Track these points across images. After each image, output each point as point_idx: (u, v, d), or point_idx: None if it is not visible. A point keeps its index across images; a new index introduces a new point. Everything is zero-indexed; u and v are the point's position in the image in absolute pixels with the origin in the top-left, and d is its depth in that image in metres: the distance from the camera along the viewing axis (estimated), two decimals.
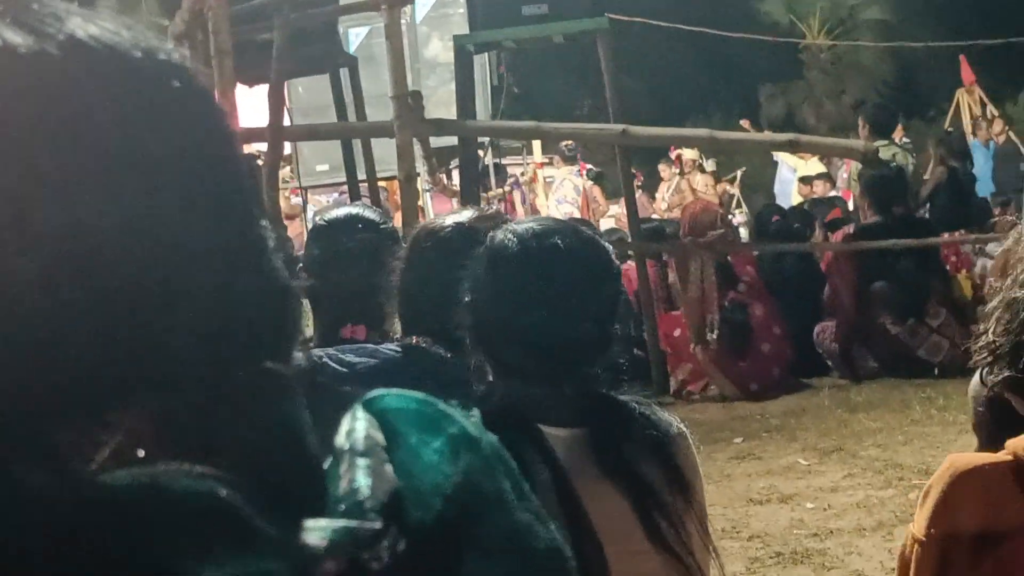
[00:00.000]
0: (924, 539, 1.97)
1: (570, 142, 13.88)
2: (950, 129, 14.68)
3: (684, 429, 2.25)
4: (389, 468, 0.74)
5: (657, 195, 16.56)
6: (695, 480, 2.24)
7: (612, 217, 14.18)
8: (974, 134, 15.40)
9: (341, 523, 0.70)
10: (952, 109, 17.27)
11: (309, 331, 3.00)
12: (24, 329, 0.66)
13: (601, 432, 2.17)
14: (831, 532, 5.36)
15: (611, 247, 2.35)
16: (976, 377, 2.32)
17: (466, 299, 2.19)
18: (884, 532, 5.29)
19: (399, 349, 2.47)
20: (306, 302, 2.41)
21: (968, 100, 16.95)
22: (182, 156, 0.72)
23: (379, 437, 0.76)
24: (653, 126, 10.06)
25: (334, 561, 0.68)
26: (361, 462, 0.74)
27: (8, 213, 0.67)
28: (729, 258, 8.65)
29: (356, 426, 0.76)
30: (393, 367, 2.40)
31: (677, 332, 8.63)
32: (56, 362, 0.67)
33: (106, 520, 0.64)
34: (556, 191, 14.90)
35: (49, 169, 0.67)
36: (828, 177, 14.93)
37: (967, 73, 17.15)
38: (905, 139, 11.64)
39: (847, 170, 13.33)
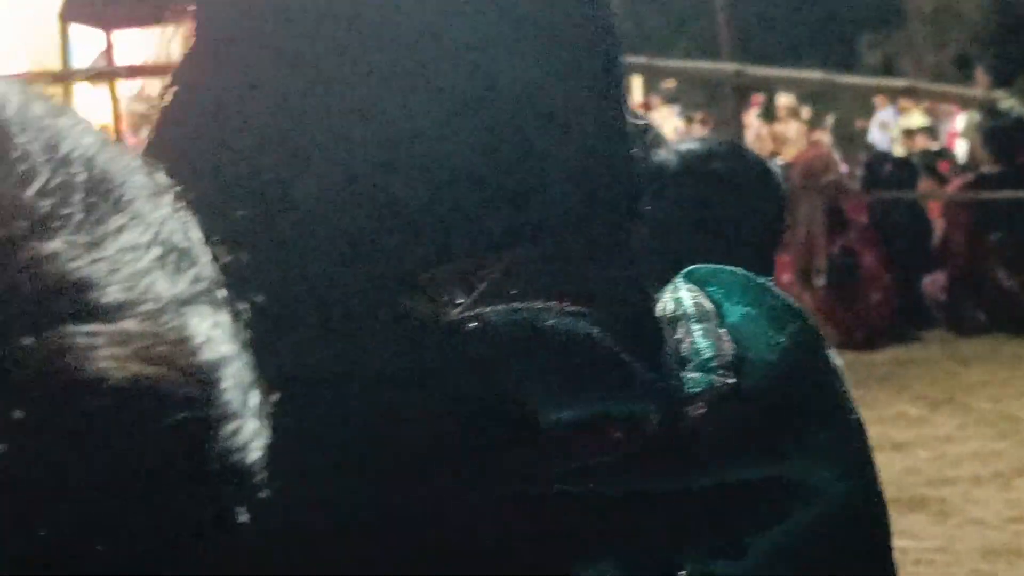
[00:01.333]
0: None
1: (671, 84, 13.79)
2: None
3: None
4: (725, 332, 0.74)
5: None
6: None
7: None
8: None
9: (700, 375, 0.71)
10: None
11: None
12: (420, 172, 0.69)
13: None
14: (947, 480, 5.33)
15: (780, 171, 2.32)
16: None
17: None
18: (1001, 482, 5.26)
19: None
20: None
21: None
22: (584, 37, 0.76)
23: (708, 305, 0.77)
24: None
25: (702, 407, 0.70)
26: (697, 327, 0.75)
27: (428, 63, 0.70)
28: (842, 204, 8.58)
29: (682, 295, 0.78)
30: None
31: (785, 276, 8.57)
32: (448, 202, 0.70)
33: (482, 350, 0.66)
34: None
35: (470, 31, 0.71)
36: (931, 131, 14.72)
37: None
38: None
39: (954, 123, 13.12)
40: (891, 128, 15.69)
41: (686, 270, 0.81)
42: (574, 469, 0.67)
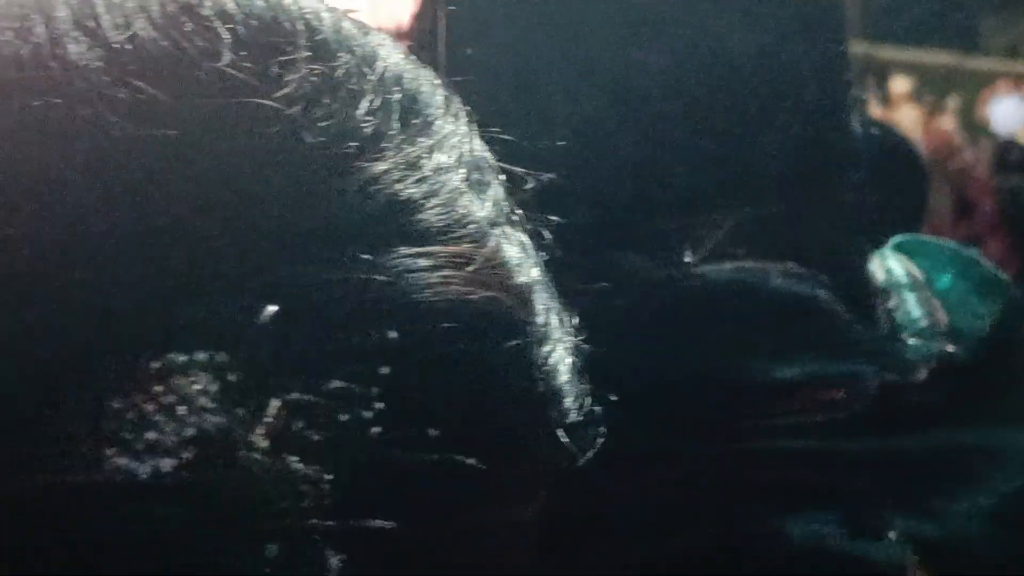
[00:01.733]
0: None
1: None
2: None
3: None
4: (937, 302, 0.74)
5: None
6: None
7: None
8: None
9: (920, 342, 0.72)
10: None
11: None
12: (646, 127, 0.70)
13: None
14: None
15: (919, 150, 2.31)
16: None
17: None
18: None
19: None
20: None
21: None
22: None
23: (919, 275, 0.77)
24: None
25: (924, 373, 0.71)
26: (910, 295, 0.76)
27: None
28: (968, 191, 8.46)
29: (892, 265, 0.78)
30: None
31: None
32: (672, 159, 0.71)
33: (705, 306, 0.67)
34: None
35: None
36: None
37: None
38: None
39: None
40: (1015, 115, 15.40)
41: (894, 240, 0.82)
42: (794, 426, 0.67)
